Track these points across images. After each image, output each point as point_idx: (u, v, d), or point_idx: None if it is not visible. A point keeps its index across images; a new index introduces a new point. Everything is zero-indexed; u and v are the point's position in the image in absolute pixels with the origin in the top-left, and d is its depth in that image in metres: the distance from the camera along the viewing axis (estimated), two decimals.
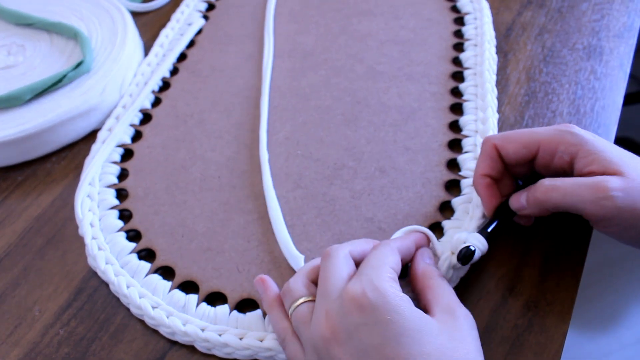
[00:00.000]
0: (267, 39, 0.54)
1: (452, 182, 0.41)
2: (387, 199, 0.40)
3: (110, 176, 0.45)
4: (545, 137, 0.34)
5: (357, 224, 0.39)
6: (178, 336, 0.36)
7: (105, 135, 0.48)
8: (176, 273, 0.39)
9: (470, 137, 0.43)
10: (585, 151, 0.33)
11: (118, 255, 0.40)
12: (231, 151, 0.45)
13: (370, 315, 0.28)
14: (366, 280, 0.29)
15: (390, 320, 0.27)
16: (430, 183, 0.41)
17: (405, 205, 0.40)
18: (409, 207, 0.40)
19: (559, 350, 0.33)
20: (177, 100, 0.50)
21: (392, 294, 0.28)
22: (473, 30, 0.51)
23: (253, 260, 0.39)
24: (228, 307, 0.37)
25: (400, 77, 0.49)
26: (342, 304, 0.29)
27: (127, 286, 0.38)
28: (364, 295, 0.28)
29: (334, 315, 0.29)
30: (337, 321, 0.29)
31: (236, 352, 0.35)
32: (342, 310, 0.29)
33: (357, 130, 0.45)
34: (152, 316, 0.36)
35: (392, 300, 0.28)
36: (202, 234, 0.40)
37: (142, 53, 0.55)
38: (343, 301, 0.29)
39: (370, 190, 0.41)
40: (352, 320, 0.28)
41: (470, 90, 0.46)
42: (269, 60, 0.52)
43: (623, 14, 0.52)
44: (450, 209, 0.40)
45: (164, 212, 0.42)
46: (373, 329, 0.28)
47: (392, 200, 0.40)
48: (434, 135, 0.44)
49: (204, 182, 0.44)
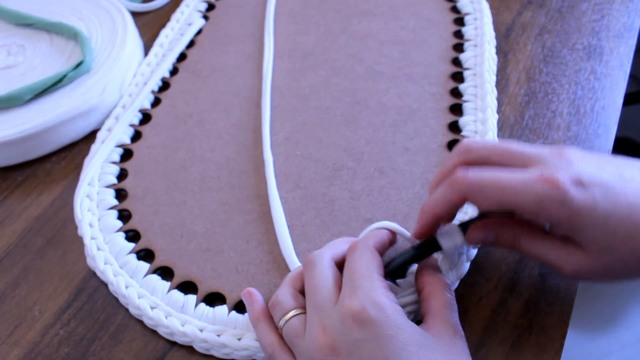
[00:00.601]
0: (268, 39, 0.54)
1: None
2: (386, 199, 0.40)
3: (109, 176, 0.45)
4: (523, 201, 0.28)
5: (356, 225, 0.39)
6: (177, 336, 0.36)
7: (104, 135, 0.48)
8: (175, 273, 0.39)
9: (470, 138, 0.43)
10: (576, 228, 0.28)
11: (117, 255, 0.40)
12: (231, 151, 0.45)
13: (371, 331, 0.28)
14: (363, 295, 0.29)
15: (391, 336, 0.28)
16: (430, 184, 0.41)
17: (404, 206, 0.40)
18: (408, 208, 0.40)
19: (559, 350, 0.33)
20: (177, 100, 0.50)
21: (390, 308, 0.29)
22: (473, 31, 0.51)
23: (252, 260, 0.39)
24: (227, 308, 0.37)
25: (400, 77, 0.49)
26: (341, 319, 0.29)
27: (125, 286, 0.38)
28: (364, 311, 0.28)
29: (332, 330, 0.29)
30: (337, 337, 0.29)
31: (234, 352, 0.35)
32: (342, 326, 0.29)
33: (357, 131, 0.45)
34: (151, 316, 0.36)
35: (391, 315, 0.28)
36: (202, 234, 0.40)
37: (142, 53, 0.55)
38: (342, 317, 0.29)
39: (370, 191, 0.41)
40: (352, 336, 0.28)
41: (470, 90, 0.46)
42: (269, 61, 0.52)
43: (623, 14, 0.52)
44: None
45: (164, 212, 0.42)
46: (375, 345, 0.28)
47: (391, 201, 0.40)
48: (433, 136, 0.44)
49: (203, 183, 0.44)
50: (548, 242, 0.31)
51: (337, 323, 0.29)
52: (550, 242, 0.31)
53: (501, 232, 0.32)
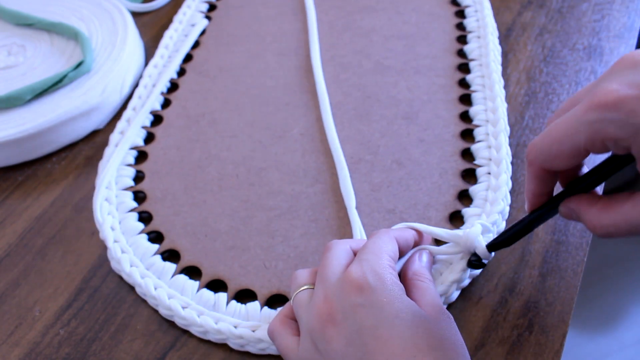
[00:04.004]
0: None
1: (468, 171, 0.42)
2: (407, 190, 0.41)
3: (126, 179, 0.45)
4: (585, 137, 0.26)
5: (379, 216, 0.40)
6: (210, 335, 0.36)
7: (117, 139, 0.47)
8: (202, 272, 0.39)
9: (482, 126, 0.44)
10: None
11: (142, 257, 0.40)
12: (247, 149, 0.46)
13: (368, 296, 0.29)
14: (366, 264, 0.30)
15: (387, 303, 0.28)
16: (447, 173, 0.42)
17: (424, 196, 0.41)
18: (429, 198, 0.40)
19: (559, 350, 0.33)
20: (187, 100, 0.51)
21: (390, 280, 0.29)
22: (475, 23, 0.52)
23: (279, 256, 0.39)
24: (259, 304, 0.37)
25: (407, 70, 0.49)
26: (342, 286, 0.30)
27: (154, 288, 0.38)
28: (364, 277, 0.29)
29: (332, 298, 0.30)
30: (335, 304, 0.29)
31: (270, 347, 0.35)
32: (341, 292, 0.29)
33: (371, 125, 0.46)
34: (183, 316, 0.36)
35: (389, 286, 0.29)
36: (226, 233, 0.41)
37: (142, 53, 0.55)
38: (343, 283, 0.30)
39: (389, 183, 0.42)
40: (350, 301, 0.29)
41: (478, 81, 0.47)
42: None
43: (623, 14, 0.52)
44: (468, 197, 0.40)
45: (185, 212, 0.42)
46: (369, 310, 0.28)
47: (411, 191, 0.41)
48: (446, 127, 0.45)
49: (222, 181, 0.44)
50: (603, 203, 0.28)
51: (337, 290, 0.30)
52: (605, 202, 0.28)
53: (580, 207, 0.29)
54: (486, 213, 0.38)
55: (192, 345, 0.36)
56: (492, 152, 0.41)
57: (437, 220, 0.39)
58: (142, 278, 0.38)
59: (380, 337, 0.28)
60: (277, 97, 0.49)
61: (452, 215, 0.40)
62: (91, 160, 0.48)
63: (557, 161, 0.28)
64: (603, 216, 0.28)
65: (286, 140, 0.46)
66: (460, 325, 0.34)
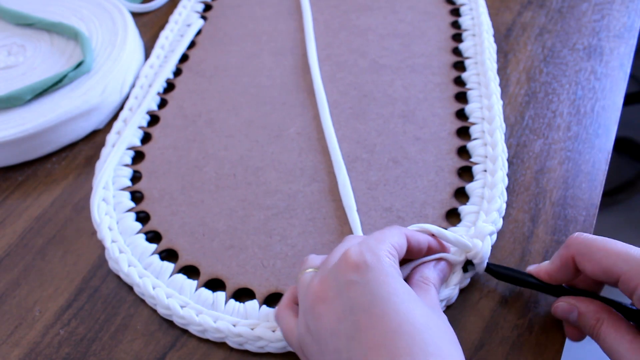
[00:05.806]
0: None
1: (464, 168, 0.42)
2: (403, 188, 0.41)
3: (123, 179, 0.45)
4: (628, 270, 0.29)
5: (375, 214, 0.40)
6: (209, 333, 0.36)
7: (114, 139, 0.47)
8: (201, 272, 0.39)
9: (478, 124, 0.44)
10: None
11: (140, 257, 0.40)
12: (244, 149, 0.46)
13: (364, 274, 0.28)
14: (365, 246, 0.29)
15: (383, 282, 0.28)
16: (443, 171, 0.42)
17: (421, 194, 0.41)
18: (425, 195, 0.40)
19: (559, 350, 0.33)
20: (184, 100, 0.51)
21: (387, 262, 0.29)
22: (470, 21, 0.53)
23: (277, 254, 0.39)
24: (257, 302, 0.37)
25: (403, 69, 0.50)
26: (338, 264, 0.29)
27: (153, 287, 0.38)
28: (361, 256, 0.29)
29: (327, 278, 0.30)
30: (328, 283, 0.29)
31: (270, 345, 0.35)
32: (336, 270, 0.29)
33: (367, 123, 0.46)
34: (182, 315, 0.36)
35: (386, 267, 0.29)
36: (223, 232, 0.41)
37: (142, 53, 0.55)
38: (339, 262, 0.29)
39: (386, 181, 0.42)
40: (344, 277, 0.28)
41: (473, 79, 0.47)
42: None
43: (623, 14, 0.52)
44: (465, 195, 0.41)
45: (182, 212, 0.42)
46: (365, 287, 0.28)
47: (407, 189, 0.41)
48: (442, 125, 0.45)
49: (219, 181, 0.44)
50: (631, 336, 0.29)
51: (333, 269, 0.29)
52: (634, 337, 0.29)
53: (586, 312, 0.31)
54: (483, 210, 0.38)
55: (192, 345, 0.36)
56: (488, 150, 0.42)
57: (434, 218, 0.39)
58: (140, 278, 0.38)
59: (374, 313, 0.27)
60: (274, 97, 0.49)
61: (448, 212, 0.40)
62: (91, 160, 0.48)
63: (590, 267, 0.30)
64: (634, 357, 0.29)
65: (283, 140, 0.46)
66: (460, 325, 0.35)
